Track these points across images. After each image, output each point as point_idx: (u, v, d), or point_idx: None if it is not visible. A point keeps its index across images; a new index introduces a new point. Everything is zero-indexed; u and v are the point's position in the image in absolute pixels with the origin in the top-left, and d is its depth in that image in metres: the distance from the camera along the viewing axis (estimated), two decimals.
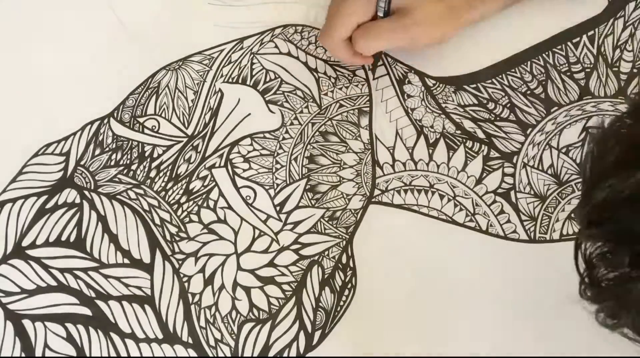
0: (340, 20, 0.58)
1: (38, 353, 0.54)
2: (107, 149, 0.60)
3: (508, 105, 0.60)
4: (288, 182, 0.59)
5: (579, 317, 0.53)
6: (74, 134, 0.61)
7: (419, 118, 0.60)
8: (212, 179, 0.59)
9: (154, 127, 0.61)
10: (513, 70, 0.61)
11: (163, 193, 0.59)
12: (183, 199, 0.58)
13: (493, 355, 0.53)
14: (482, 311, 0.54)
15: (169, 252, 0.57)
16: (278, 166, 0.59)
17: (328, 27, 0.59)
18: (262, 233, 0.57)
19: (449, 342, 0.54)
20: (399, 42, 0.59)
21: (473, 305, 0.55)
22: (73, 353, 0.54)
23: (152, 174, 0.59)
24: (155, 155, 0.60)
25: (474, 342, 0.54)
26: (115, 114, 0.61)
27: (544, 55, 0.62)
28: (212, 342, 0.54)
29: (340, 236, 0.57)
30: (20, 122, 0.61)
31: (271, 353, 0.54)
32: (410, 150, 0.59)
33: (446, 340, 0.54)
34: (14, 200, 0.58)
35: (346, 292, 0.56)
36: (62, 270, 0.56)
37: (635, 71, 0.61)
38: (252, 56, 0.63)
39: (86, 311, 0.55)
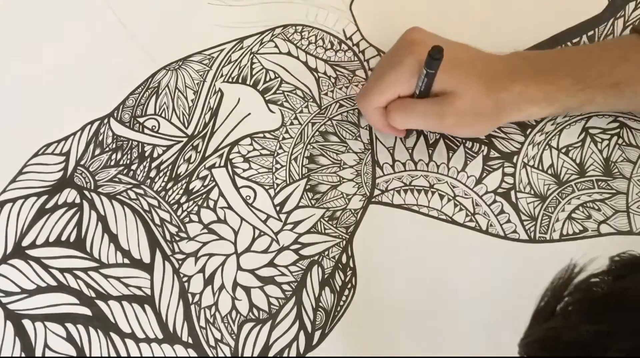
0: (381, 88, 0.55)
1: (38, 353, 0.54)
2: (107, 149, 0.60)
3: None
4: (288, 182, 0.59)
5: None
6: (74, 134, 0.61)
7: None
8: (212, 179, 0.59)
9: (154, 127, 0.61)
10: None
11: (163, 193, 0.59)
12: (183, 199, 0.58)
13: (493, 355, 0.53)
14: (482, 311, 0.54)
15: (169, 252, 0.57)
16: (278, 166, 0.59)
17: (367, 91, 0.56)
18: (262, 233, 0.57)
19: (449, 342, 0.54)
20: (431, 127, 0.57)
21: (473, 305, 0.55)
22: (73, 353, 0.54)
23: (152, 174, 0.59)
24: (155, 155, 0.60)
25: (473, 341, 0.54)
26: (115, 114, 0.61)
27: None
28: (212, 342, 0.55)
29: (340, 236, 0.57)
30: (20, 122, 0.61)
31: (271, 353, 0.54)
32: (410, 150, 0.59)
33: (446, 340, 0.54)
34: (14, 200, 0.58)
35: (346, 292, 0.56)
36: (62, 270, 0.56)
37: None
38: (252, 55, 0.63)
39: (86, 311, 0.55)
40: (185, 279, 0.56)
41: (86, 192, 0.59)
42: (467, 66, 0.54)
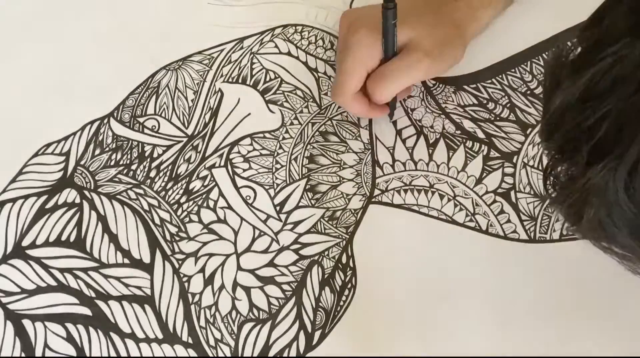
0: (348, 72, 0.55)
1: (38, 353, 0.54)
2: (107, 149, 0.60)
3: (508, 105, 0.61)
4: (288, 182, 0.59)
5: (579, 317, 0.54)
6: (74, 134, 0.61)
7: (419, 118, 0.60)
8: (212, 179, 0.59)
9: (154, 127, 0.61)
10: (513, 70, 0.61)
11: (163, 193, 0.59)
12: (183, 199, 0.58)
13: (493, 355, 0.53)
14: (482, 311, 0.54)
15: (169, 252, 0.57)
16: (278, 166, 0.59)
17: (338, 83, 0.56)
18: (262, 233, 0.57)
19: (449, 342, 0.54)
20: (413, 80, 0.57)
21: (473, 305, 0.55)
22: (73, 353, 0.54)
23: (152, 174, 0.59)
24: (155, 155, 0.60)
25: (473, 341, 0.54)
26: (115, 114, 0.61)
27: (544, 55, 0.62)
28: (212, 342, 0.54)
29: (340, 236, 0.57)
30: (20, 122, 0.61)
31: (271, 353, 0.54)
32: (410, 150, 0.59)
33: (446, 340, 0.54)
34: (14, 200, 0.58)
35: (346, 292, 0.55)
36: (62, 270, 0.56)
37: None
38: (252, 55, 0.63)
39: (86, 311, 0.55)
40: (185, 279, 0.56)
41: (86, 192, 0.59)
42: (409, 10, 0.56)
